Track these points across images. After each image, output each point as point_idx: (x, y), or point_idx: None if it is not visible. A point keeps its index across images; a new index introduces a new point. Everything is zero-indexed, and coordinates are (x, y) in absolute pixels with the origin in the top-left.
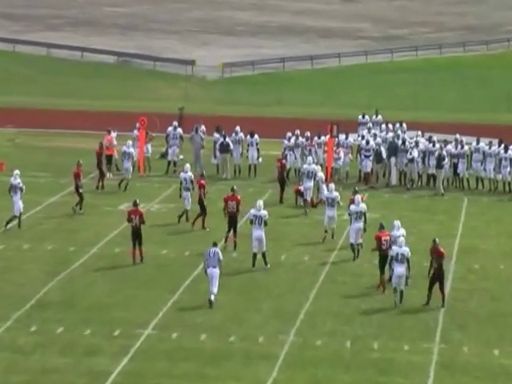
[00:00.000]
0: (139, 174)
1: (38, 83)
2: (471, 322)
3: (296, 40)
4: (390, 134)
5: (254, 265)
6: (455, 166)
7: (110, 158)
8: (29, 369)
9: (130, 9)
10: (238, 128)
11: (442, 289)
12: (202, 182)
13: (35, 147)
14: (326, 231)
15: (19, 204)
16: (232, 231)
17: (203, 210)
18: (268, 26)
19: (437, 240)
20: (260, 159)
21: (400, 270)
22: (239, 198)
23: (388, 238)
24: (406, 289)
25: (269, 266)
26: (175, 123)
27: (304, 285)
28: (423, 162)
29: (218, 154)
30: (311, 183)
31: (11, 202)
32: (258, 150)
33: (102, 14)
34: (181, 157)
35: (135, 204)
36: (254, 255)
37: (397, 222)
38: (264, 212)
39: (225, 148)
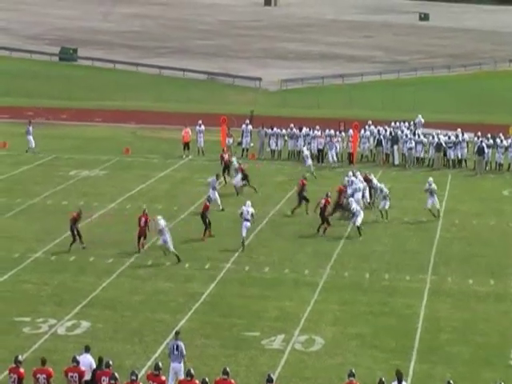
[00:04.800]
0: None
1: (151, 93)
2: (453, 260)
3: (330, 63)
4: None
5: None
6: (445, 152)
7: (187, 144)
8: (145, 291)
9: (215, 42)
10: (292, 125)
11: None
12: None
13: (148, 137)
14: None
15: None
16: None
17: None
18: (311, 53)
19: None
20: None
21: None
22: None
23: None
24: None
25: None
26: (247, 121)
27: (335, 234)
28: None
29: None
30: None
31: None
32: (304, 140)
33: (195, 45)
34: (251, 144)
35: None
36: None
37: None
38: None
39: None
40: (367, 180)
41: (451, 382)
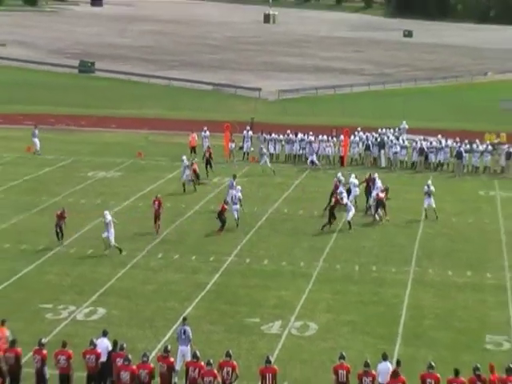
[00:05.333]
0: (225, 159)
1: (163, 102)
2: (435, 254)
3: (324, 75)
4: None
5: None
6: (427, 156)
7: (194, 148)
8: (157, 281)
9: (220, 56)
10: (288, 131)
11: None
12: None
13: (159, 142)
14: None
15: None
16: None
17: None
18: (306, 66)
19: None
20: (301, 151)
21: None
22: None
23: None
24: (395, 232)
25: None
26: (248, 127)
27: (328, 231)
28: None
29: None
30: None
31: None
32: (299, 144)
33: (203, 58)
34: (251, 149)
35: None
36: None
37: None
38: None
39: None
40: (369, 180)
41: (433, 364)
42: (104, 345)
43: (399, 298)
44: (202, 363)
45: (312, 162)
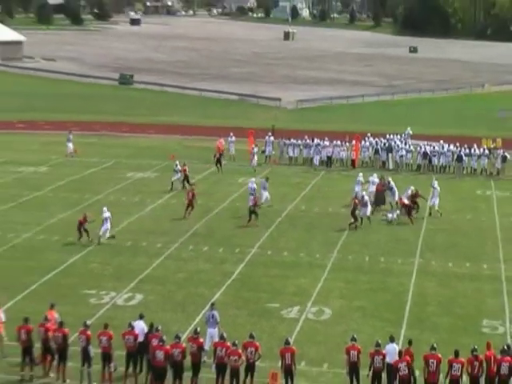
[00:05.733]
0: (249, 162)
1: (194, 111)
2: (437, 247)
3: (338, 87)
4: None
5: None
6: (430, 159)
7: (221, 154)
8: (188, 270)
9: (245, 69)
10: (306, 136)
11: None
12: None
13: (191, 146)
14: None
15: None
16: None
17: None
18: (322, 78)
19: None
20: (318, 156)
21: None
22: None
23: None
24: (401, 228)
25: None
26: (269, 133)
27: (342, 226)
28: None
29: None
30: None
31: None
32: (316, 149)
33: (230, 71)
34: (273, 152)
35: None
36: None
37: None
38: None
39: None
40: (383, 184)
41: (435, 345)
42: (140, 327)
43: (405, 287)
44: (229, 344)
45: (316, 162)
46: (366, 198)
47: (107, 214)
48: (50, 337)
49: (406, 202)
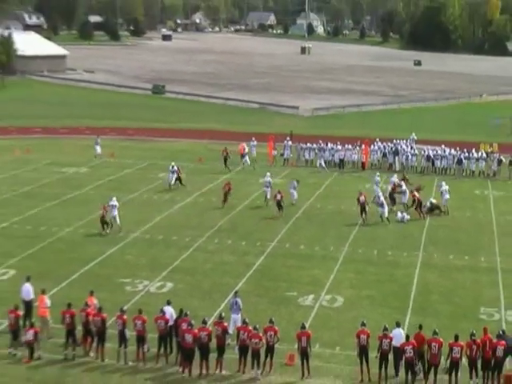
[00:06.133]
0: (268, 164)
1: (219, 117)
2: (439, 241)
3: (350, 96)
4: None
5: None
6: (434, 162)
7: (243, 155)
8: (214, 261)
9: (266, 80)
10: (320, 140)
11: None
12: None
13: (217, 150)
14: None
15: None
16: None
17: None
18: (335, 89)
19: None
20: (331, 157)
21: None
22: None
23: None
24: (406, 224)
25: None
26: (288, 138)
27: (353, 222)
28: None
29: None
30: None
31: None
32: (330, 152)
33: (251, 83)
34: (291, 155)
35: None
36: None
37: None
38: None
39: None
40: (396, 186)
41: (437, 330)
42: (169, 311)
43: (410, 278)
44: (250, 328)
45: (320, 164)
46: (382, 198)
47: (115, 202)
48: (90, 321)
49: (417, 195)
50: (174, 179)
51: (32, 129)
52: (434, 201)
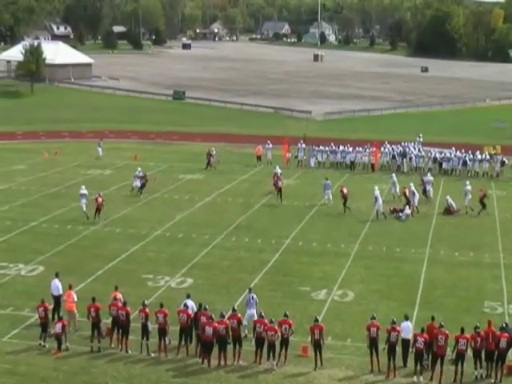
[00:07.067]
0: (284, 165)
1: (235, 121)
2: (444, 238)
3: (360, 101)
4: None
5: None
6: (441, 164)
7: (259, 157)
8: (231, 258)
9: (280, 86)
10: (332, 144)
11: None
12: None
13: (233, 152)
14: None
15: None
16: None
17: None
18: (346, 94)
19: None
20: (342, 160)
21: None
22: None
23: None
24: (414, 221)
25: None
26: (301, 141)
27: (364, 219)
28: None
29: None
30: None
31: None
32: (341, 154)
33: (266, 88)
34: (304, 157)
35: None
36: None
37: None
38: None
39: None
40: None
41: (443, 323)
42: (190, 304)
43: (417, 273)
44: (266, 321)
45: (309, 163)
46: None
47: (84, 191)
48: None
49: (407, 193)
50: (139, 184)
51: (60, 133)
52: (450, 200)
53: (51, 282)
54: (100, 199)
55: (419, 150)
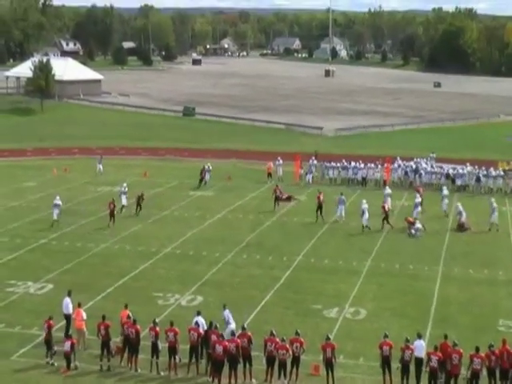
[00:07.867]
0: (295, 182)
1: (246, 138)
2: (458, 255)
3: (371, 117)
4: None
5: None
6: (454, 180)
7: (270, 174)
8: (242, 275)
9: (290, 102)
10: (343, 160)
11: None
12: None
13: (244, 168)
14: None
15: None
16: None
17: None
18: (357, 110)
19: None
20: (354, 176)
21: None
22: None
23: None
24: (426, 238)
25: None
26: (313, 157)
27: (375, 236)
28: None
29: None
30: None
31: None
32: (353, 170)
33: (277, 104)
34: (316, 174)
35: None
36: None
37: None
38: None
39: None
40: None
41: (456, 341)
42: (200, 321)
43: (430, 290)
44: (277, 339)
45: (308, 180)
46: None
47: (58, 202)
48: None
49: (386, 207)
50: (125, 199)
51: (70, 149)
52: (463, 219)
53: (63, 301)
54: (112, 205)
55: (432, 166)
